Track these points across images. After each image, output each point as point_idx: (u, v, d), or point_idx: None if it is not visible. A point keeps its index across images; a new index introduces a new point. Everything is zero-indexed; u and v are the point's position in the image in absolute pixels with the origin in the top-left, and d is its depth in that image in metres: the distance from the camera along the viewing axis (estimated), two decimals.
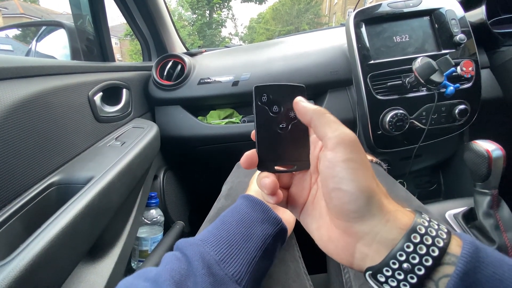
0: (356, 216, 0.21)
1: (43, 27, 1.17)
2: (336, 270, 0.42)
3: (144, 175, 0.75)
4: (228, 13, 18.60)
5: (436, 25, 0.76)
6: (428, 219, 0.21)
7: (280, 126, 0.26)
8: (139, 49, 1.24)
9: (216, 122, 0.95)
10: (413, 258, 0.19)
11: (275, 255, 0.36)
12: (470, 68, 0.73)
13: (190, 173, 1.15)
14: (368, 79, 0.75)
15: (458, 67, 0.73)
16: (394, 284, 0.19)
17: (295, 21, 19.47)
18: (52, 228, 0.41)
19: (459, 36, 0.73)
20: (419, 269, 0.19)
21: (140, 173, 0.69)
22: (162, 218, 0.84)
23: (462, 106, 0.74)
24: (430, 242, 0.19)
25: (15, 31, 1.76)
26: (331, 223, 0.23)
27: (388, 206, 0.21)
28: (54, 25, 1.03)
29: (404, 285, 0.19)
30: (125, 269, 0.64)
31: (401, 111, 0.73)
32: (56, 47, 1.02)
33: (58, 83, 0.56)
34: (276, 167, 0.26)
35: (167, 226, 0.89)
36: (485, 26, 0.79)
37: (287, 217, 0.41)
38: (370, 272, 0.21)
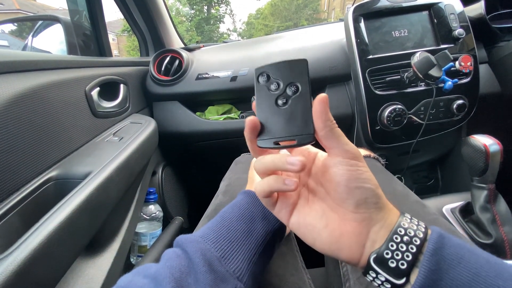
0: (376, 207, 0.25)
1: (39, 22, 1.16)
2: (334, 263, 0.42)
3: (142, 171, 0.75)
4: (226, 9, 18.47)
5: (435, 20, 0.76)
6: (409, 216, 0.26)
7: (280, 102, 0.26)
8: (137, 45, 1.23)
9: (215, 118, 0.95)
10: (409, 232, 0.23)
11: (275, 250, 0.36)
12: (469, 63, 0.73)
13: (189, 169, 1.14)
14: (366, 74, 0.75)
15: (457, 62, 0.73)
16: (399, 257, 0.23)
17: (293, 17, 19.35)
18: (50, 223, 0.41)
19: (458, 31, 0.73)
20: (416, 240, 0.23)
21: (138, 169, 0.69)
22: (161, 214, 0.84)
23: (460, 101, 0.74)
24: (416, 222, 0.25)
25: (11, 26, 1.74)
26: (343, 218, 0.25)
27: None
28: (50, 19, 1.02)
29: (407, 256, 0.23)
30: (124, 264, 0.64)
31: (399, 106, 0.73)
32: (52, 42, 1.01)
33: (54, 77, 0.56)
34: (277, 143, 0.26)
35: (165, 221, 0.89)
36: (484, 21, 0.79)
37: None
38: (375, 255, 0.24)
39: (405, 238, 0.23)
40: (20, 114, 0.46)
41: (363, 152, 0.64)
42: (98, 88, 0.69)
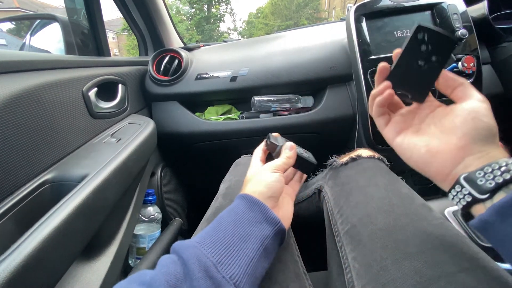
0: (484, 139, 0.28)
1: (37, 21, 1.14)
2: (338, 269, 0.41)
3: (140, 172, 0.74)
4: (226, 8, 18.45)
5: (438, 20, 0.75)
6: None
7: (419, 62, 0.31)
8: (137, 44, 1.22)
9: (214, 118, 0.94)
10: (511, 167, 0.24)
11: (274, 255, 0.35)
12: (472, 64, 0.72)
13: (188, 170, 1.14)
14: (368, 75, 0.74)
15: (460, 63, 0.72)
16: (489, 178, 0.25)
17: (294, 16, 19.32)
18: (45, 227, 0.40)
19: (461, 31, 0.72)
20: None
21: (137, 170, 0.68)
22: (160, 215, 0.83)
23: None
24: None
25: (9, 25, 1.73)
26: (447, 141, 0.29)
27: None
28: (47, 18, 1.01)
29: (498, 179, 0.24)
30: (122, 266, 0.63)
31: None
32: (50, 41, 1.00)
33: (51, 78, 0.55)
34: (398, 89, 0.33)
35: (164, 223, 0.88)
36: (486, 21, 0.78)
37: (283, 215, 0.40)
38: (466, 175, 0.27)
39: (503, 168, 0.24)
40: (15, 115, 0.45)
41: (367, 152, 0.63)
42: (95, 89, 0.68)
